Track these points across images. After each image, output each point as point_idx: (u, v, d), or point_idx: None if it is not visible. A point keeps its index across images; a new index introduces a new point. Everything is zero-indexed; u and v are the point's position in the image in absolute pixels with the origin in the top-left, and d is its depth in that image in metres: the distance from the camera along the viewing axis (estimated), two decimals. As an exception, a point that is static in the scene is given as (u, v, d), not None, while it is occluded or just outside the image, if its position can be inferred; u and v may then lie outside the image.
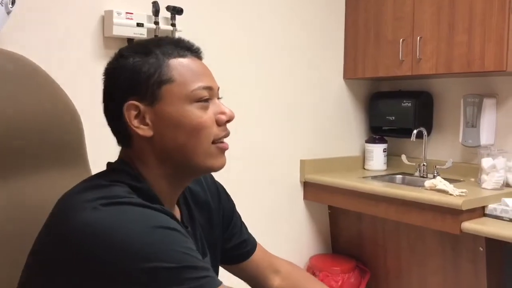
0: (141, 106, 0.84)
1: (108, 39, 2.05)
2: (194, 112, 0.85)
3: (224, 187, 1.15)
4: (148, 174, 0.87)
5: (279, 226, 2.72)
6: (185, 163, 0.87)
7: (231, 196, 1.16)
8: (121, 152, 0.91)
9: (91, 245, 0.72)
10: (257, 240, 1.18)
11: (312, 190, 2.79)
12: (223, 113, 0.88)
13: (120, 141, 0.90)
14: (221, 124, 0.88)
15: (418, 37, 2.53)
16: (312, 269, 2.76)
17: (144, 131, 0.85)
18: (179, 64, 0.86)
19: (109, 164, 0.91)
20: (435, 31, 2.47)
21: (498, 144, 2.53)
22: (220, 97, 0.92)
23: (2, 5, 1.60)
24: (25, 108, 0.94)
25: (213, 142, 0.87)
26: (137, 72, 0.84)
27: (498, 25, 2.23)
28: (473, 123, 2.54)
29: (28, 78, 0.98)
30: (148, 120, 0.85)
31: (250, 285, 1.15)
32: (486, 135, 2.52)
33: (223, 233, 1.09)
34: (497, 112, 2.56)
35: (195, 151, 0.85)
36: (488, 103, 2.52)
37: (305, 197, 2.83)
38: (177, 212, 0.96)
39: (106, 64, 0.90)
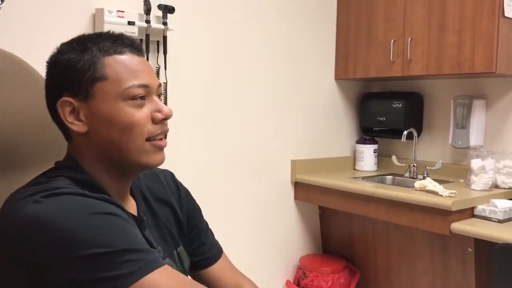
0: (75, 102, 0.85)
1: (99, 37, 2.04)
2: (127, 110, 0.85)
3: (189, 189, 1.14)
4: (90, 168, 0.88)
5: (270, 226, 2.72)
6: (121, 159, 0.87)
7: (220, 194, 1.14)
8: (68, 147, 0.93)
9: (32, 236, 0.73)
10: (248, 239, 1.16)
11: (302, 190, 2.79)
12: (159, 111, 0.88)
13: (64, 135, 0.92)
14: (156, 121, 0.88)
15: (409, 39, 2.54)
16: (302, 269, 2.77)
17: (79, 127, 0.86)
18: (114, 62, 0.86)
19: (56, 162, 0.92)
20: (425, 33, 2.49)
21: (487, 146, 2.55)
22: (161, 93, 0.93)
23: (-9, 2, 1.58)
24: (15, 107, 0.94)
25: (148, 140, 0.87)
26: (71, 69, 0.85)
27: (488, 27, 2.24)
28: (462, 125, 2.56)
29: (18, 76, 0.97)
30: (82, 116, 0.85)
31: None
32: (475, 136, 2.54)
33: (188, 234, 1.08)
34: (486, 113, 2.58)
35: (128, 148, 0.86)
36: (477, 104, 2.54)
37: (295, 197, 2.83)
38: (131, 204, 0.96)
39: (47, 59, 0.90)
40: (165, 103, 2.22)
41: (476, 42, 2.29)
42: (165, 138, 0.92)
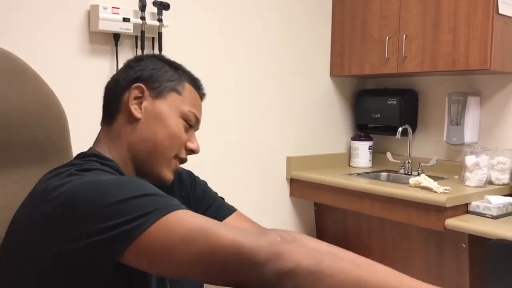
0: (146, 93, 0.97)
1: (93, 34, 2.04)
2: (179, 124, 0.98)
3: (207, 181, 1.18)
4: (116, 155, 0.95)
5: (265, 223, 2.71)
6: (146, 158, 0.97)
7: (216, 191, 1.17)
8: (99, 134, 1.00)
9: (70, 198, 0.75)
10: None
11: (298, 187, 2.80)
12: (193, 142, 1.02)
13: (104, 117, 1.00)
14: (186, 148, 1.01)
15: (404, 36, 2.55)
16: (297, 266, 2.77)
17: (136, 111, 0.96)
18: (191, 91, 1.02)
19: (80, 153, 0.96)
20: (420, 30, 2.50)
21: (482, 142, 2.56)
22: (197, 129, 1.05)
23: (-15, -2, 1.57)
24: (9, 103, 0.93)
25: (175, 156, 0.99)
26: (162, 71, 0.99)
27: (482, 25, 2.25)
28: (457, 121, 2.57)
29: (13, 73, 0.97)
30: (143, 106, 0.96)
31: None
32: (470, 133, 2.55)
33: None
34: (481, 110, 2.59)
35: (161, 150, 0.97)
36: (472, 101, 2.55)
37: (291, 194, 2.84)
38: None
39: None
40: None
41: (470, 39, 2.30)
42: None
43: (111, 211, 0.73)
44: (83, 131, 1.14)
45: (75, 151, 1.11)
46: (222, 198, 1.19)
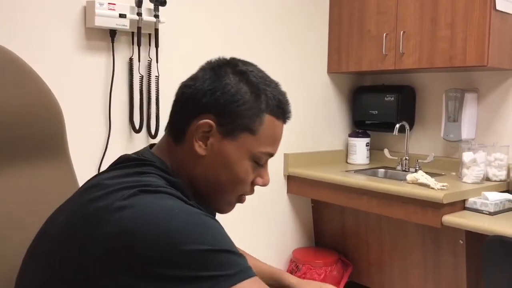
0: (214, 130, 0.86)
1: (89, 30, 2.02)
2: (247, 168, 0.89)
3: None
4: (179, 175, 0.88)
5: (263, 219, 2.73)
6: (207, 194, 0.90)
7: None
8: (163, 141, 0.92)
9: (133, 230, 0.71)
10: (241, 232, 1.18)
11: (295, 184, 2.80)
12: (263, 177, 0.94)
13: (170, 130, 0.92)
14: (253, 185, 0.93)
15: (401, 32, 2.54)
16: (295, 262, 2.78)
17: (201, 149, 0.87)
18: (270, 124, 0.89)
19: (144, 152, 0.90)
20: (418, 26, 2.49)
21: (479, 139, 2.57)
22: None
23: (-20, -6, 1.56)
24: (5, 100, 0.93)
25: (238, 196, 0.93)
26: (240, 102, 0.86)
27: (480, 21, 2.25)
28: (454, 118, 2.57)
29: (9, 70, 0.96)
30: (209, 143, 0.87)
31: None
32: (467, 129, 2.55)
33: None
34: (478, 106, 2.59)
35: (223, 194, 0.91)
36: (469, 97, 2.55)
37: (288, 191, 2.84)
38: None
39: (221, 62, 0.93)
40: (157, 96, 2.21)
41: (468, 36, 2.29)
42: None
43: (190, 260, 0.70)
44: (79, 127, 1.13)
45: (71, 147, 1.11)
46: None
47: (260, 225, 2.70)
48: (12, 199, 0.93)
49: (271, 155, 0.92)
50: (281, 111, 0.91)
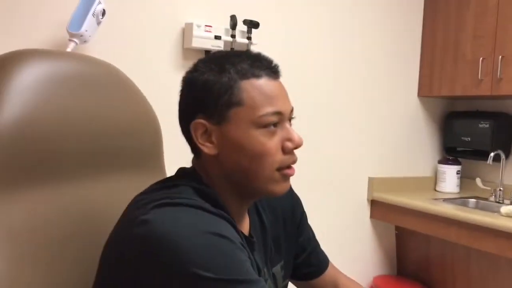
0: (208, 125, 0.84)
1: (187, 50, 2.14)
2: (259, 138, 0.83)
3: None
4: (213, 185, 0.87)
5: (344, 243, 2.69)
6: (247, 185, 0.86)
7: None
8: (193, 160, 0.93)
9: (143, 248, 0.74)
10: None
11: (379, 209, 2.74)
12: (290, 140, 0.86)
13: (192, 152, 0.92)
14: (286, 151, 0.85)
15: (500, 57, 2.43)
16: (375, 290, 2.70)
17: (209, 149, 0.85)
18: (252, 86, 0.84)
19: (181, 169, 0.93)
20: (518, 51, 2.37)
21: None
22: (293, 117, 0.90)
23: (94, 16, 1.72)
24: (112, 113, 1.01)
25: (278, 169, 0.85)
26: (208, 91, 0.84)
27: None
28: (557, 149, 2.40)
29: (117, 86, 1.05)
30: (214, 139, 0.85)
31: None
32: None
33: (296, 243, 1.07)
34: None
35: (257, 176, 0.85)
36: None
37: (372, 216, 2.78)
38: (246, 222, 0.95)
39: (183, 75, 0.91)
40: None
41: None
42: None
43: (184, 281, 0.71)
44: (175, 142, 1.19)
45: (167, 161, 1.18)
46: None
47: (341, 249, 2.66)
48: (108, 204, 1.00)
49: (278, 113, 0.84)
50: (257, 69, 0.85)
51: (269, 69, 0.87)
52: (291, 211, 1.07)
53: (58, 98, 0.90)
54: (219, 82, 0.83)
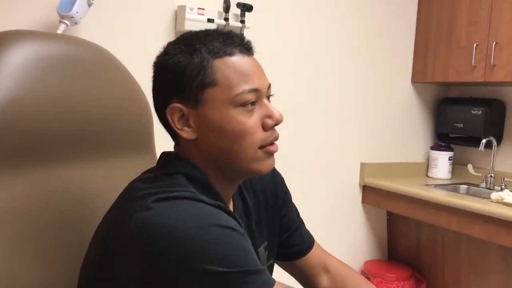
0: (184, 109, 0.82)
1: (179, 33, 2.11)
2: (237, 117, 0.81)
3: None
4: (202, 167, 0.86)
5: (335, 228, 2.71)
6: (230, 166, 0.85)
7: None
8: (174, 148, 0.91)
9: (148, 242, 0.72)
10: (312, 239, 1.16)
11: (371, 194, 2.75)
12: (270, 116, 0.84)
13: (172, 138, 0.90)
14: (267, 128, 0.84)
15: (494, 43, 2.43)
16: (366, 274, 2.73)
17: (188, 133, 0.83)
18: (225, 65, 0.81)
19: (164, 153, 0.92)
20: (512, 37, 2.37)
21: None
22: (271, 94, 0.88)
23: (84, -2, 1.69)
24: (100, 96, 1.00)
25: (260, 147, 0.84)
26: (181, 73, 0.81)
27: None
28: (548, 136, 2.41)
29: (106, 68, 1.04)
30: (191, 123, 0.83)
31: (297, 280, 1.13)
32: (562, 149, 2.38)
33: (280, 223, 1.07)
34: None
35: (239, 156, 0.83)
36: None
37: (363, 201, 2.79)
38: (231, 205, 0.94)
39: (154, 59, 0.88)
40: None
41: None
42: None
43: (192, 276, 0.71)
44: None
45: (158, 144, 1.17)
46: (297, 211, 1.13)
47: (332, 234, 2.68)
48: (100, 188, 1.00)
49: (255, 90, 0.82)
50: (230, 46, 0.83)
51: (242, 45, 0.85)
52: (274, 191, 1.06)
53: (47, 80, 0.89)
54: (191, 63, 0.81)
